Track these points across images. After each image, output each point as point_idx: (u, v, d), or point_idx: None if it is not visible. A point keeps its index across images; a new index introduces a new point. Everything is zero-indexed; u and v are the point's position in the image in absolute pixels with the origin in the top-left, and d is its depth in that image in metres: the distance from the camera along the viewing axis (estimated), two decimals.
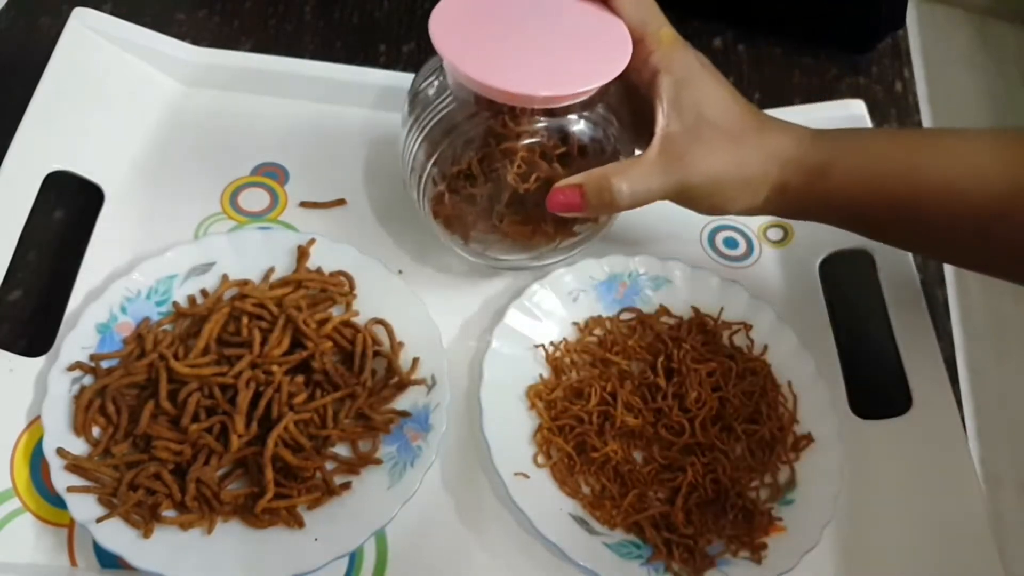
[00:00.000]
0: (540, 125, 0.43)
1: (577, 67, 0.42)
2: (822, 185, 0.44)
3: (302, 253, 0.49)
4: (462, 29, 0.42)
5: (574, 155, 0.44)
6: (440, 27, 0.42)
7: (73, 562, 0.40)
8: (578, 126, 0.44)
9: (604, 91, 0.44)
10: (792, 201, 0.45)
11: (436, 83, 0.45)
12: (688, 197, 0.44)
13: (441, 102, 0.44)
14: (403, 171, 0.48)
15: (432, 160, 0.45)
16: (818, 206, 0.45)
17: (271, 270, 0.49)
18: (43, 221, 0.50)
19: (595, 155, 0.45)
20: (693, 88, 0.43)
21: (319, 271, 0.49)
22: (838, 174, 0.44)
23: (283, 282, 0.48)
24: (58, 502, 0.41)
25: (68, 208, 0.52)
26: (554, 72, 0.42)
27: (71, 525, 0.41)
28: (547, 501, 0.44)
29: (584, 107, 0.44)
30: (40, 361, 0.44)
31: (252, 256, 0.49)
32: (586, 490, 0.45)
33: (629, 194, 0.42)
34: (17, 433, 0.42)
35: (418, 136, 0.45)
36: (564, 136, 0.44)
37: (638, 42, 0.43)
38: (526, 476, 0.44)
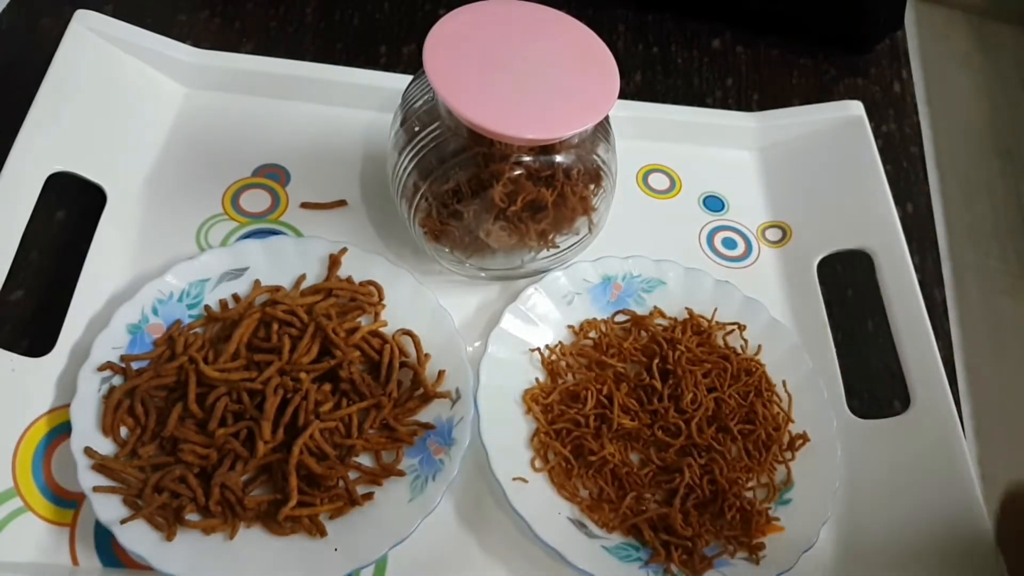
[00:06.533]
0: (527, 159, 0.44)
1: (566, 107, 0.43)
2: None
3: (333, 262, 0.49)
4: (456, 59, 0.43)
5: (560, 177, 0.45)
6: (434, 56, 0.42)
7: (75, 561, 0.40)
8: (566, 157, 0.45)
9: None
10: None
11: (427, 100, 0.46)
12: None
13: (434, 129, 0.45)
14: (391, 185, 0.48)
15: (424, 182, 0.45)
16: None
17: (302, 277, 0.49)
18: (45, 221, 0.50)
19: (580, 177, 0.46)
20: None
21: (349, 280, 0.49)
22: None
23: (314, 289, 0.48)
24: (60, 501, 0.41)
25: (70, 209, 0.52)
26: (543, 113, 0.42)
27: (73, 524, 0.41)
28: (545, 505, 0.44)
29: (572, 143, 0.44)
30: (42, 361, 0.44)
31: (284, 263, 0.49)
32: (584, 493, 0.45)
33: None
34: (19, 433, 0.42)
35: (410, 157, 0.46)
36: (551, 160, 0.45)
37: None
38: (524, 481, 0.44)
